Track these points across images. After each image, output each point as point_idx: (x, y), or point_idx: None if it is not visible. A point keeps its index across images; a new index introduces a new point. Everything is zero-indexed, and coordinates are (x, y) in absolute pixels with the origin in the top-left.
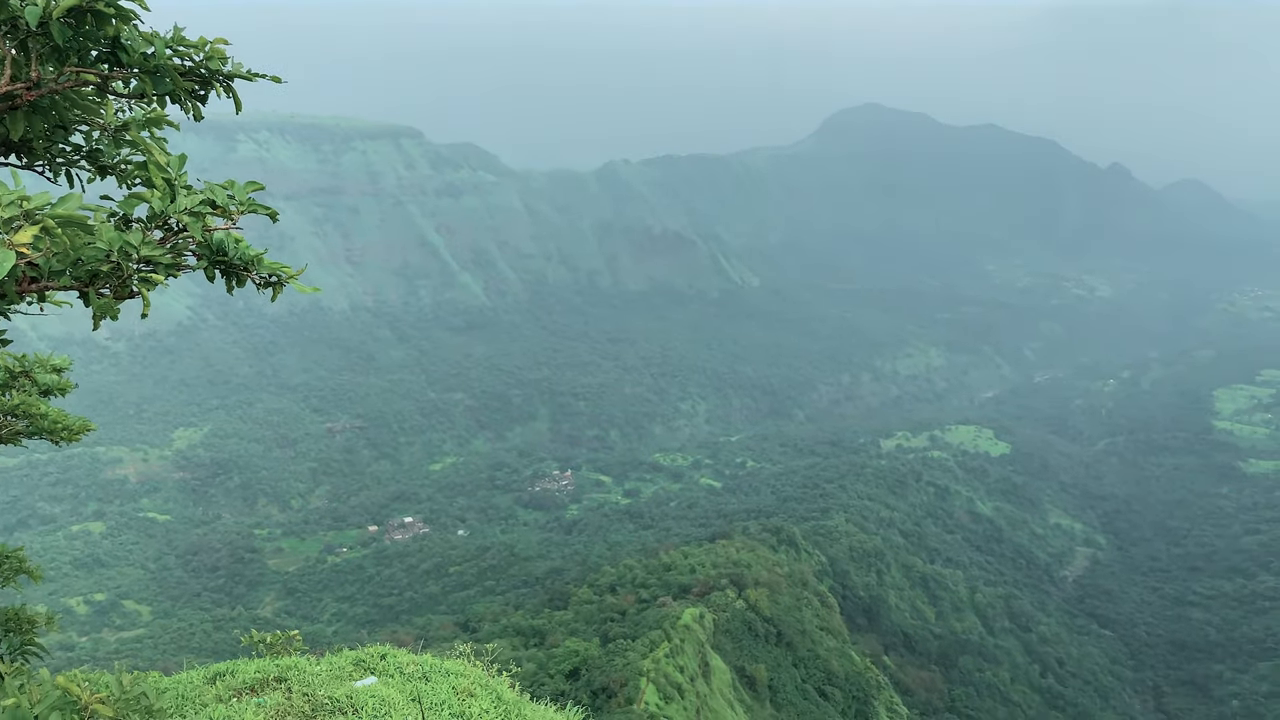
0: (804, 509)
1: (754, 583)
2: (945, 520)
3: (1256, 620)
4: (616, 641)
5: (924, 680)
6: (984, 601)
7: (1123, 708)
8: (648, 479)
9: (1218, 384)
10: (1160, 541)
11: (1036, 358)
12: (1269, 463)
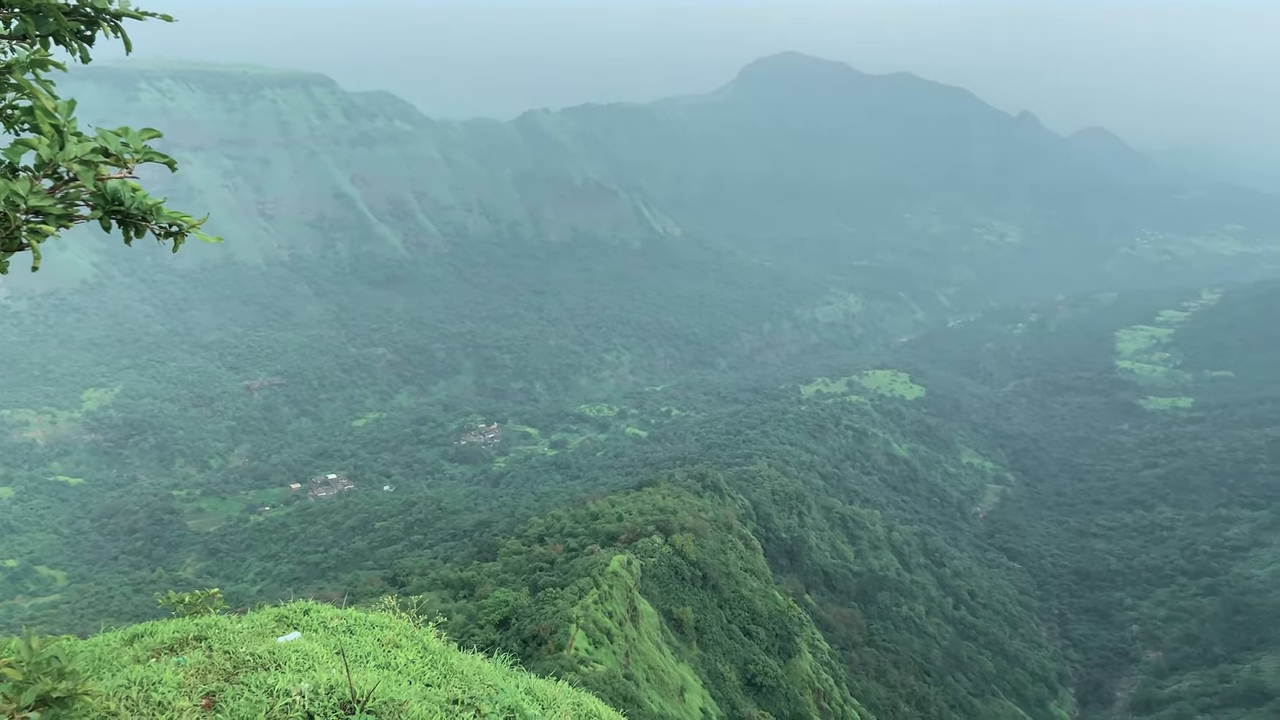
0: (728, 455)
1: (680, 528)
2: (863, 462)
3: (1154, 549)
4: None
5: (844, 616)
6: (900, 539)
7: (1030, 635)
8: (574, 430)
9: (1119, 325)
10: (1065, 477)
11: (950, 303)
12: (1166, 400)
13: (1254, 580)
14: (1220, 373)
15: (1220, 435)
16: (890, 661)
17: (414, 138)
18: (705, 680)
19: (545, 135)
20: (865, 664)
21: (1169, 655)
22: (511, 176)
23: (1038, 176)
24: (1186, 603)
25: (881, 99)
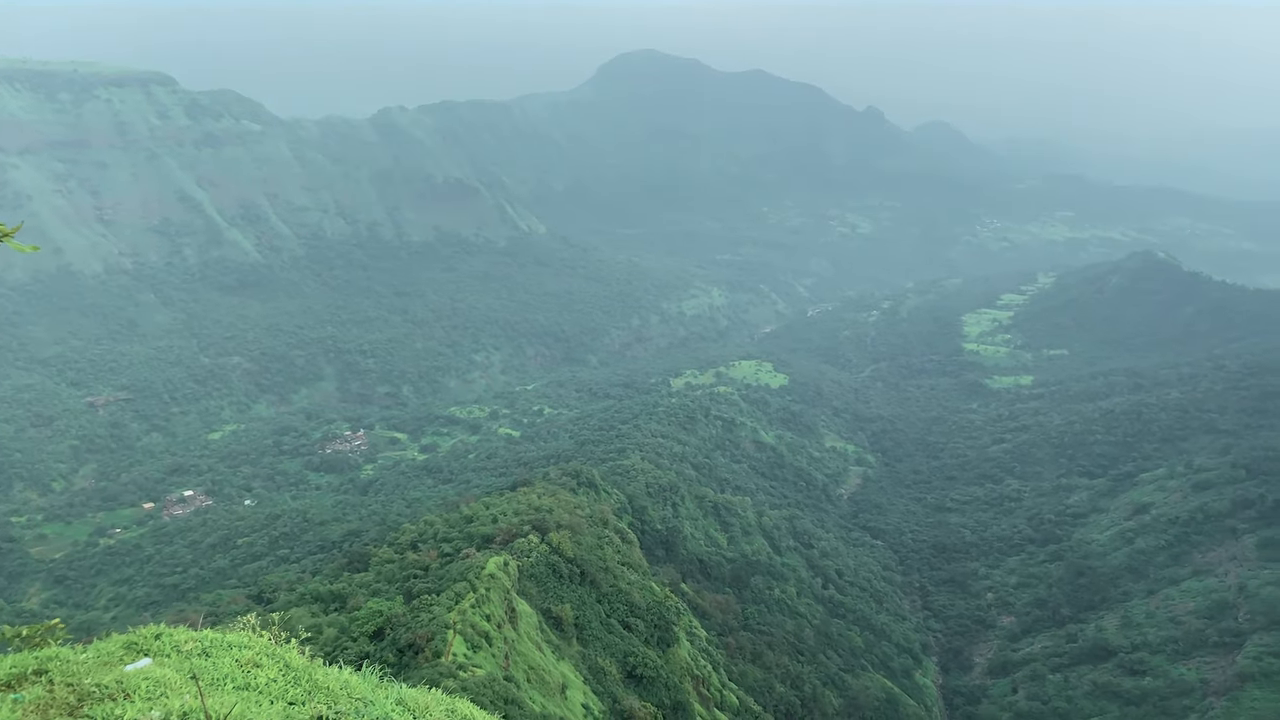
0: (601, 450)
1: (556, 526)
2: (733, 451)
3: (1004, 520)
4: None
5: (719, 603)
6: (770, 524)
7: (895, 609)
8: (445, 433)
9: (965, 310)
10: (921, 456)
11: (809, 293)
12: (1009, 378)
13: (1094, 544)
14: (1056, 351)
15: (1059, 410)
16: (765, 644)
17: (264, 138)
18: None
19: (403, 133)
20: (741, 648)
21: (1021, 619)
22: (369, 176)
23: (885, 169)
24: (1035, 569)
25: (737, 96)
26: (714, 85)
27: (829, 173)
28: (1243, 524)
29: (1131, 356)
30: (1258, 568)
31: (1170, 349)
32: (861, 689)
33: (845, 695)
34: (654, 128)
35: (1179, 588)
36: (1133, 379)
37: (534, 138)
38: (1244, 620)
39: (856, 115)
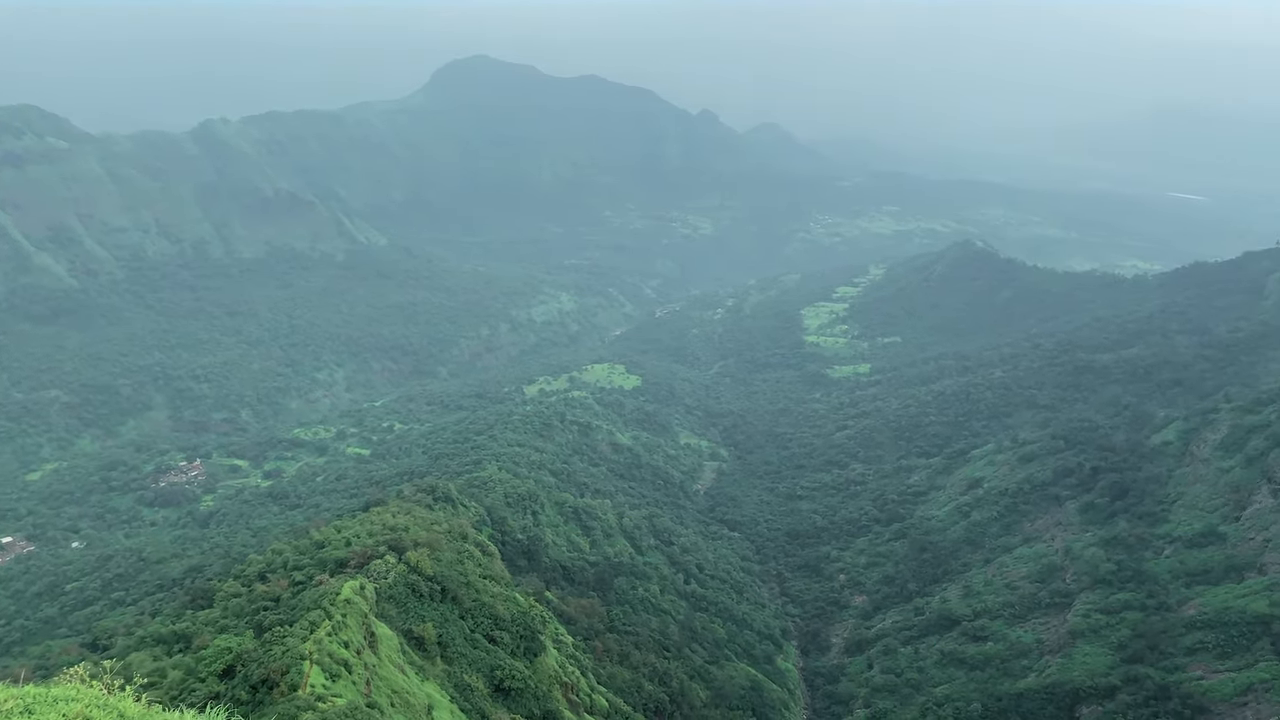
0: (457, 464)
1: (413, 545)
2: (590, 455)
3: (851, 503)
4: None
5: (585, 607)
6: (631, 524)
7: (755, 598)
8: (289, 457)
9: (804, 304)
10: (771, 447)
11: (656, 294)
12: (848, 368)
13: (934, 520)
14: (890, 339)
15: (895, 395)
16: (632, 643)
17: (72, 155)
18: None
19: (227, 146)
20: (609, 650)
21: (872, 597)
22: (192, 192)
23: (722, 170)
24: (882, 548)
25: (572, 101)
26: (548, 91)
27: (667, 175)
28: (1065, 491)
29: (958, 340)
30: (1080, 531)
31: (992, 331)
32: (727, 679)
33: (712, 687)
34: (491, 135)
35: (1012, 555)
36: (960, 361)
37: (368, 147)
38: (1071, 581)
39: (691, 118)
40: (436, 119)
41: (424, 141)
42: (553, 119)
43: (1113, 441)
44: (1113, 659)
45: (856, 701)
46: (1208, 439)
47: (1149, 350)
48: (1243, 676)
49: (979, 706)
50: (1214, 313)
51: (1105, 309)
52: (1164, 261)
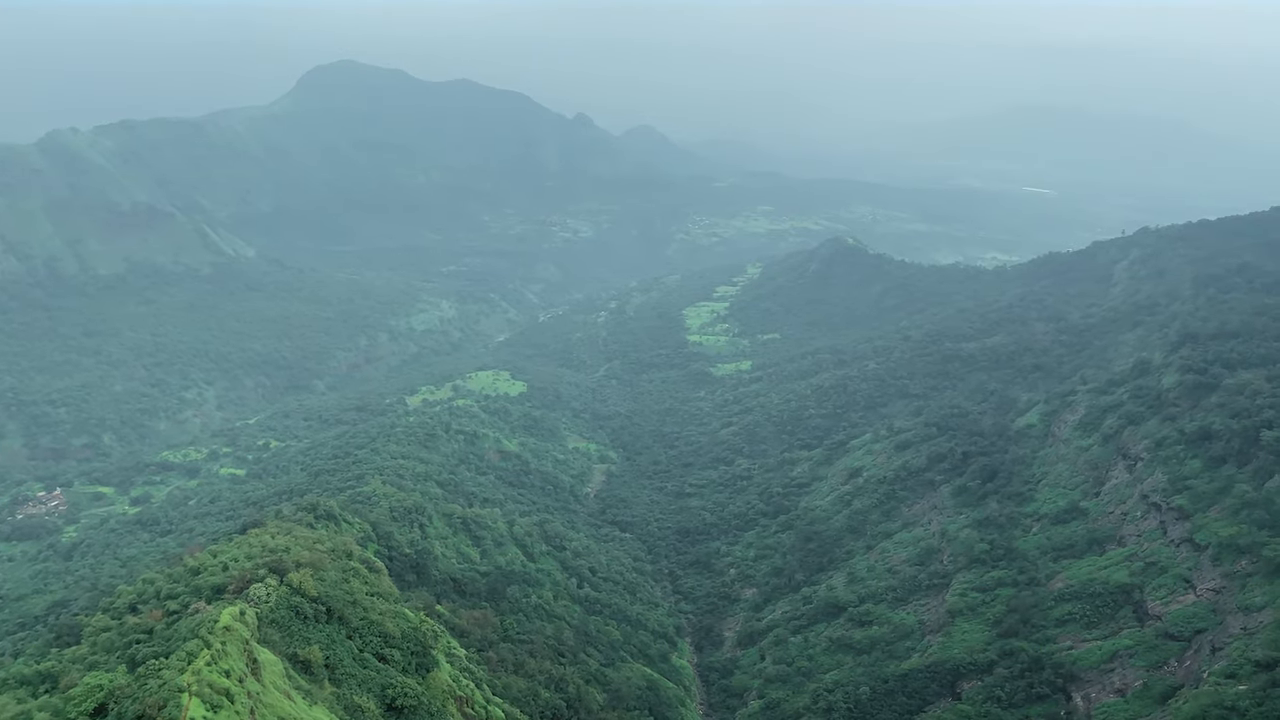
0: (339, 480)
1: (295, 566)
2: (477, 463)
3: (739, 498)
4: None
5: (477, 619)
6: (522, 532)
7: (648, 597)
8: (158, 481)
9: (685, 304)
10: (659, 447)
11: (538, 299)
12: (730, 365)
13: (818, 511)
14: (770, 335)
15: (776, 390)
16: (527, 652)
17: None
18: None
19: (77, 158)
20: (503, 660)
21: (762, 590)
22: (41, 206)
23: (599, 174)
24: (770, 540)
25: (445, 105)
26: (420, 95)
27: (545, 179)
28: (938, 476)
29: (833, 334)
30: (954, 514)
31: (865, 324)
32: (623, 680)
33: (608, 689)
34: (361, 141)
35: (892, 540)
36: (836, 355)
37: (232, 156)
38: (948, 562)
39: (566, 122)
40: (304, 125)
41: (291, 149)
42: (426, 124)
43: (981, 426)
44: (989, 634)
45: (750, 693)
46: (1067, 420)
47: (1010, 338)
48: (1108, 644)
49: (867, 689)
50: (1068, 300)
51: (969, 300)
52: (1021, 253)
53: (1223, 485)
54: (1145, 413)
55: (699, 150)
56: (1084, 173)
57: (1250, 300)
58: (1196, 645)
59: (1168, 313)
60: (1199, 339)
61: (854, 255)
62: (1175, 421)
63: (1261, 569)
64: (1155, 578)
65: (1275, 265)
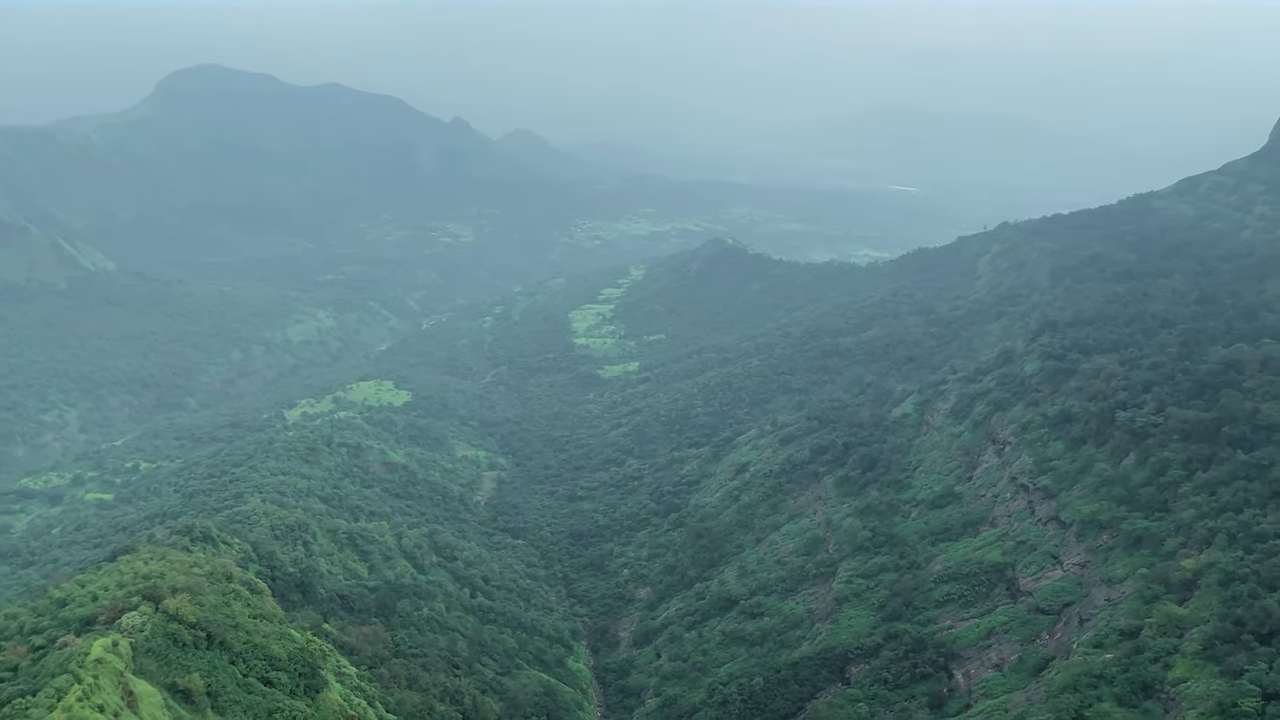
0: (215, 500)
1: (171, 591)
2: (362, 476)
3: (630, 499)
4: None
5: (367, 635)
6: (411, 544)
7: (543, 603)
8: (17, 510)
9: (571, 307)
10: (549, 451)
11: (420, 306)
12: (618, 367)
13: (707, 507)
14: (655, 336)
15: (664, 390)
16: (420, 666)
17: None
18: None
19: None
20: (396, 676)
21: (656, 588)
22: None
23: (479, 178)
24: (662, 538)
25: (315, 111)
26: (289, 100)
27: (423, 184)
28: (822, 468)
29: (717, 333)
30: (838, 503)
31: (746, 322)
32: (520, 688)
33: (505, 698)
34: (228, 147)
35: (780, 532)
36: (720, 354)
37: (88, 165)
38: (834, 551)
39: (443, 126)
40: (164, 132)
41: (151, 157)
42: (296, 129)
43: (860, 418)
44: (874, 619)
45: (647, 692)
46: (939, 408)
47: (884, 331)
48: (985, 621)
49: (760, 680)
50: (936, 293)
51: (844, 295)
52: (891, 249)
53: (1083, 465)
54: (1011, 399)
55: (579, 153)
56: (947, 171)
57: (1102, 289)
58: (1065, 618)
59: (1028, 303)
60: (1057, 327)
61: (734, 255)
62: (1038, 406)
63: (1121, 542)
64: (1025, 555)
65: (1123, 255)
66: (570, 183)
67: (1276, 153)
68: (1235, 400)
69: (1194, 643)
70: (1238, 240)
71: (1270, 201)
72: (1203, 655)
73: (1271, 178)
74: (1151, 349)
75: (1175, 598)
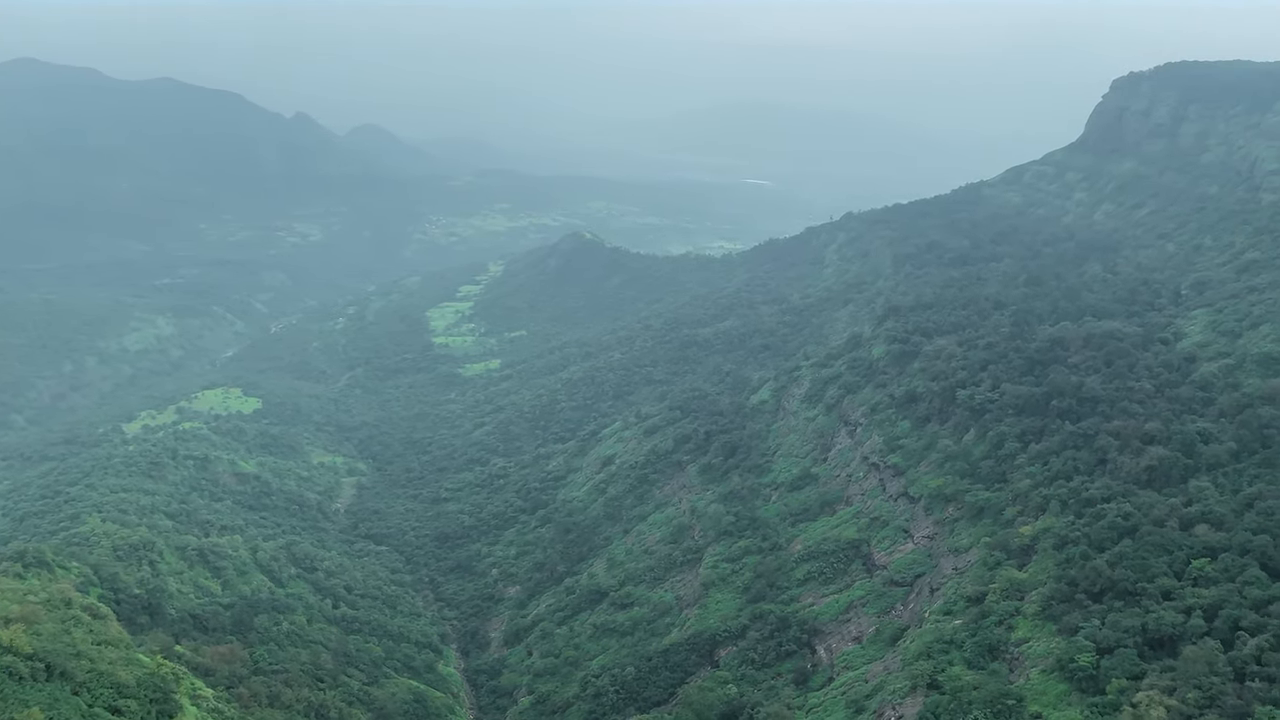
0: (49, 522)
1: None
2: (212, 489)
3: (496, 498)
4: None
5: (223, 654)
6: (267, 557)
7: (409, 609)
8: None
9: (428, 305)
10: (411, 454)
11: (268, 309)
12: (480, 365)
13: (574, 502)
14: (516, 333)
15: (527, 386)
16: (282, 682)
17: None
18: None
19: None
20: (256, 694)
21: (526, 586)
22: None
23: (325, 174)
24: (530, 536)
25: (147, 107)
26: (117, 96)
27: (266, 182)
28: (685, 456)
29: (578, 328)
30: (702, 491)
31: (607, 316)
32: (388, 697)
33: (373, 708)
34: (49, 146)
35: (647, 522)
36: (583, 348)
37: None
38: (699, 537)
39: (285, 121)
40: None
41: None
42: (126, 126)
43: (720, 406)
44: (740, 601)
45: (520, 690)
46: (794, 394)
47: (740, 320)
48: (844, 596)
49: (633, 669)
50: (788, 282)
51: (702, 287)
52: (745, 240)
53: (929, 442)
54: (860, 381)
55: (429, 148)
56: (796, 164)
57: (940, 274)
58: (918, 588)
59: (873, 289)
60: (900, 312)
61: (592, 249)
62: (886, 388)
63: (965, 514)
64: (879, 531)
65: (957, 241)
66: (422, 178)
67: (1091, 142)
68: (1062, 375)
69: (1034, 604)
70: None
71: (1086, 188)
72: (1042, 615)
73: (1087, 166)
74: (986, 329)
75: (1015, 563)
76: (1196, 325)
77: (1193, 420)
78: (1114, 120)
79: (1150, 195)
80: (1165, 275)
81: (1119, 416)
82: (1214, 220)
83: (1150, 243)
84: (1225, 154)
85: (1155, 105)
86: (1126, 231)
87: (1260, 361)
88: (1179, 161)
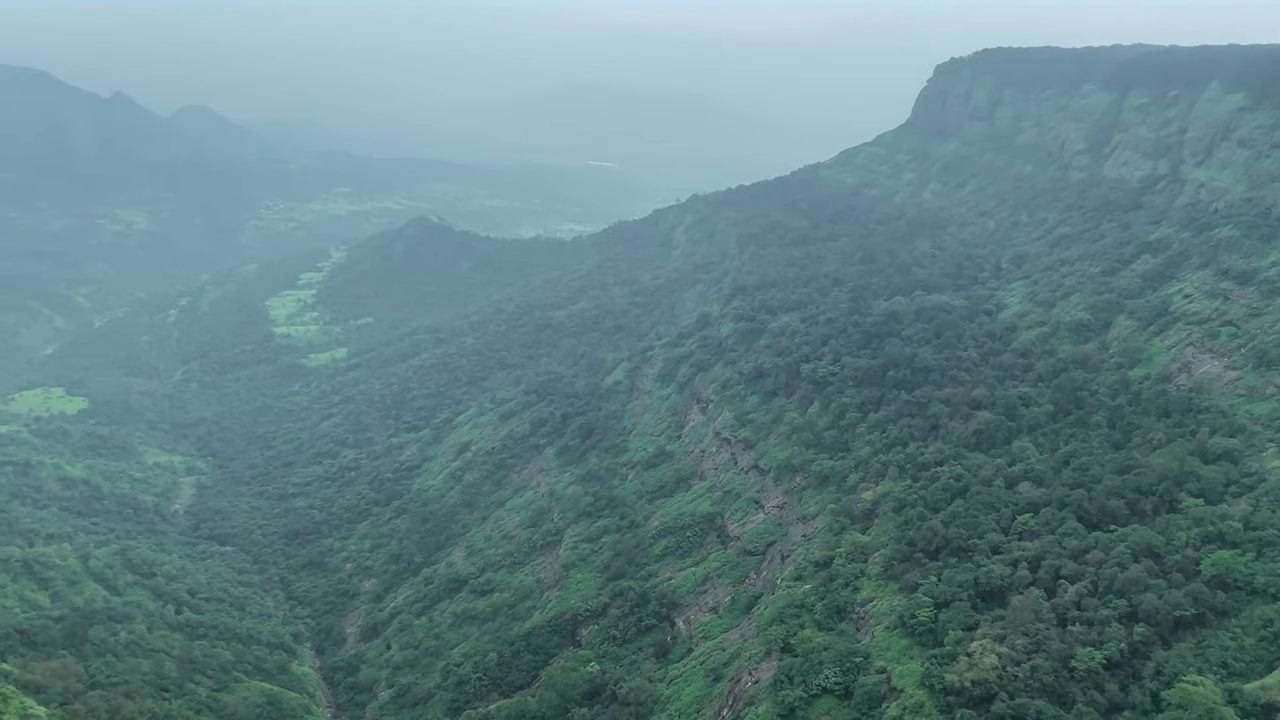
0: None
1: None
2: (35, 496)
3: (348, 491)
4: None
5: (55, 669)
6: (100, 565)
7: (259, 610)
8: None
9: (268, 294)
10: (254, 450)
11: (91, 303)
12: (325, 355)
13: (431, 491)
14: (363, 320)
15: (377, 375)
16: (122, 695)
17: None
18: None
19: None
20: (94, 710)
21: (382, 579)
22: None
23: (150, 159)
24: (385, 528)
25: None
26: None
27: (83, 167)
28: (542, 440)
29: (428, 313)
30: (560, 473)
31: (458, 301)
32: (239, 702)
33: (223, 715)
34: None
35: (505, 508)
36: (434, 334)
37: None
38: (559, 520)
39: (102, 102)
40: None
41: None
42: None
43: (576, 388)
44: (600, 580)
45: (379, 685)
46: (648, 373)
47: (593, 303)
48: (700, 569)
49: (495, 655)
50: (638, 264)
51: (553, 270)
52: (594, 223)
53: (776, 415)
54: (711, 359)
55: (262, 131)
56: (639, 146)
57: (782, 253)
58: (769, 557)
59: (720, 269)
60: (746, 290)
61: (440, 233)
62: (735, 365)
63: (812, 483)
64: (732, 503)
65: (797, 221)
66: (256, 162)
67: (918, 124)
68: (897, 347)
69: (876, 565)
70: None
71: (915, 169)
72: (884, 575)
73: (915, 147)
74: (826, 306)
75: (859, 527)
76: (1015, 296)
77: (1014, 385)
78: (938, 104)
79: (972, 175)
80: (987, 250)
81: (949, 384)
82: (1029, 198)
83: (973, 220)
84: (1038, 135)
85: (974, 89)
86: (952, 209)
87: (1072, 329)
88: (997, 142)
